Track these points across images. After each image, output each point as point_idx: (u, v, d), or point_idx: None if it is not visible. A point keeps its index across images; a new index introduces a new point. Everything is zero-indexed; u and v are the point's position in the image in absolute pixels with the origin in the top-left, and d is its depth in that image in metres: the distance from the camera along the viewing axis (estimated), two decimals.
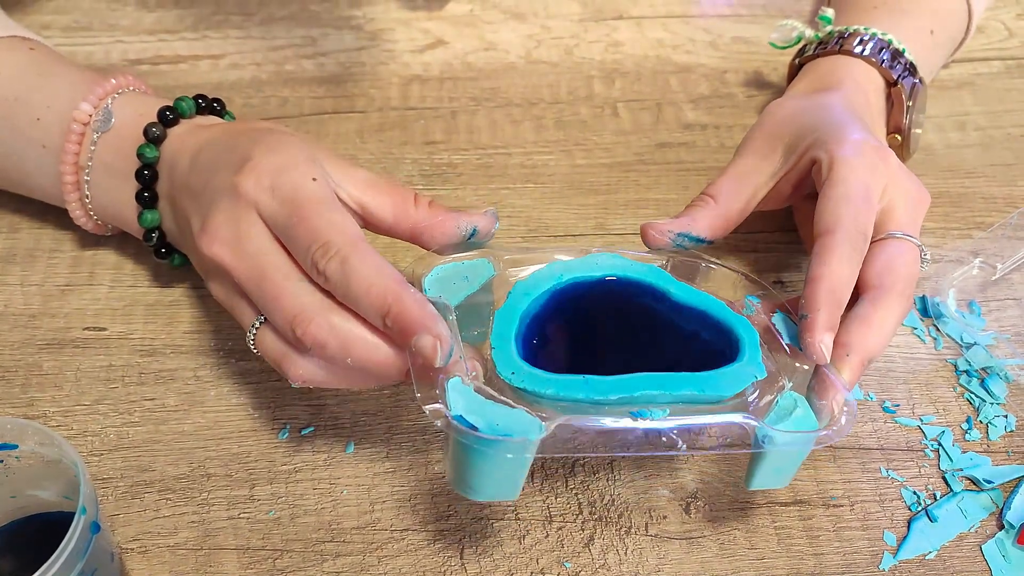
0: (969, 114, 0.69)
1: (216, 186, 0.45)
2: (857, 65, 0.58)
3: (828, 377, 0.43)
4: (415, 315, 0.39)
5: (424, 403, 0.39)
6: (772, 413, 0.42)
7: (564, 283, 0.45)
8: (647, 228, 0.49)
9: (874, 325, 0.44)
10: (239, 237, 0.42)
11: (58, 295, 0.55)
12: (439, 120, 0.67)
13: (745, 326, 0.44)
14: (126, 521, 0.46)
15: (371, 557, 0.45)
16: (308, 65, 0.71)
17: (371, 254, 0.41)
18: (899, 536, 0.46)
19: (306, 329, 0.40)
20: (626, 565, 0.45)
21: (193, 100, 0.52)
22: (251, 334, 0.44)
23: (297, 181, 0.43)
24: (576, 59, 0.72)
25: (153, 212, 0.51)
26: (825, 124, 0.51)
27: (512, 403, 0.40)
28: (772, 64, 0.72)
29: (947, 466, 0.49)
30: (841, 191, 0.47)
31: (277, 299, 0.41)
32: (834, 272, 0.44)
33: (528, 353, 0.42)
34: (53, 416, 0.50)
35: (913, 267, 0.47)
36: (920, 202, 0.50)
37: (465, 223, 0.45)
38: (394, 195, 0.46)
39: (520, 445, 0.38)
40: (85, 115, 0.51)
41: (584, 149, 0.66)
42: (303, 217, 0.41)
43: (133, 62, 0.70)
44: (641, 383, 0.41)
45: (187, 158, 0.48)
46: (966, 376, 0.53)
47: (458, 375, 0.40)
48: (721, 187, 0.51)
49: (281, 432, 0.49)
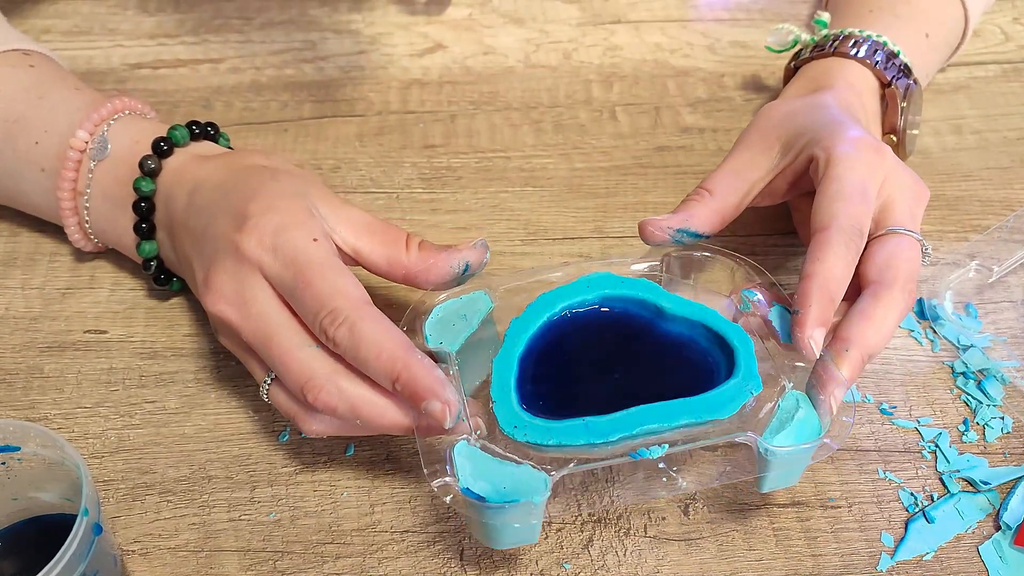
0: (965, 118, 0.69)
1: (216, 237, 0.45)
2: (851, 66, 0.58)
3: (827, 372, 0.43)
4: (424, 383, 0.41)
5: (432, 479, 0.40)
6: (775, 419, 0.42)
7: (558, 312, 0.46)
8: (645, 225, 0.49)
9: (875, 320, 0.44)
10: (244, 298, 0.43)
11: (59, 298, 0.55)
12: (438, 124, 0.67)
13: (740, 335, 0.44)
14: (127, 523, 0.46)
15: (371, 559, 0.45)
16: (308, 69, 0.71)
17: (378, 319, 0.42)
18: (896, 537, 0.46)
19: (317, 396, 0.42)
20: (625, 567, 0.45)
21: (187, 127, 0.52)
22: (264, 389, 0.45)
23: (298, 243, 0.43)
24: (574, 63, 0.73)
25: (151, 243, 0.52)
26: (821, 122, 0.51)
27: (517, 458, 0.41)
28: (769, 68, 0.72)
29: (944, 468, 0.49)
30: (836, 188, 0.47)
31: (285, 364, 0.42)
32: (827, 268, 0.44)
33: (529, 396, 0.43)
34: (54, 419, 0.50)
35: (914, 262, 0.47)
36: (919, 197, 0.50)
37: (457, 261, 0.46)
38: (387, 241, 0.46)
39: (525, 508, 0.40)
40: (81, 143, 0.52)
41: (582, 153, 0.66)
42: (308, 282, 0.42)
43: (133, 66, 0.70)
44: (639, 418, 0.41)
45: (184, 194, 0.49)
46: (963, 378, 0.53)
47: (463, 438, 0.41)
48: (718, 181, 0.51)
49: (281, 435, 0.50)
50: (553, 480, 0.40)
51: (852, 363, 0.43)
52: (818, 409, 0.43)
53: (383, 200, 0.62)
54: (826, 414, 0.42)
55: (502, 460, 0.41)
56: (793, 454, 0.42)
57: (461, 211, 0.61)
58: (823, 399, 0.43)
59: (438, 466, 0.41)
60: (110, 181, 0.52)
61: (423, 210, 0.61)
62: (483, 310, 0.47)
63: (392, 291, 0.55)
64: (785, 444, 0.41)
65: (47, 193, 0.53)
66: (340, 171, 0.64)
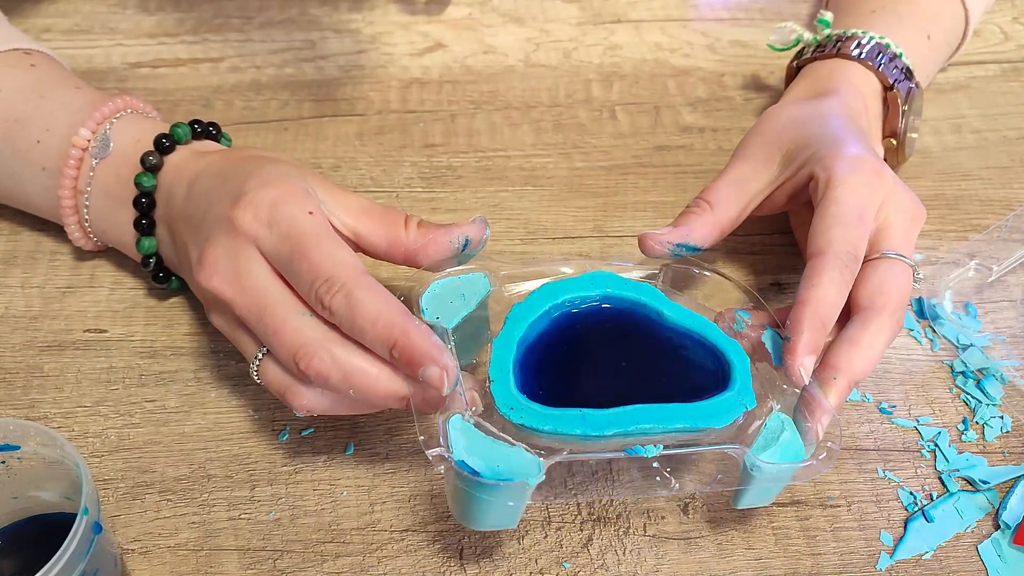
0: (965, 117, 0.69)
1: (213, 218, 0.45)
2: (854, 69, 0.58)
3: (814, 399, 0.44)
4: (421, 347, 0.40)
5: (427, 447, 0.40)
6: (760, 438, 0.43)
7: (560, 303, 0.46)
8: (645, 238, 0.49)
9: (863, 347, 0.45)
10: (238, 272, 0.43)
11: (59, 297, 0.55)
12: (438, 123, 0.67)
13: (736, 351, 0.45)
14: (127, 522, 0.46)
15: (371, 558, 0.45)
16: (308, 68, 0.71)
17: (374, 287, 0.42)
18: (896, 536, 0.47)
19: (309, 362, 0.41)
20: (624, 565, 0.45)
21: (189, 125, 0.52)
22: (254, 365, 0.45)
23: (294, 215, 0.43)
24: (574, 62, 0.73)
25: (151, 239, 0.52)
26: (822, 138, 0.51)
27: (511, 440, 0.41)
28: (769, 67, 0.72)
29: (943, 467, 0.49)
30: (835, 211, 0.47)
31: (279, 333, 0.42)
32: (820, 296, 0.45)
33: (526, 381, 0.43)
34: (54, 418, 0.50)
35: (905, 288, 0.48)
36: (916, 219, 0.50)
37: (456, 236, 0.46)
38: (386, 221, 0.46)
39: (519, 489, 0.39)
40: (83, 141, 0.52)
41: (582, 152, 0.66)
42: (304, 252, 0.42)
43: (133, 65, 0.70)
44: (635, 416, 0.42)
45: (184, 186, 0.49)
46: (962, 377, 0.53)
47: (458, 412, 0.41)
48: (718, 193, 0.51)
49: (281, 434, 0.50)
50: (546, 465, 0.40)
51: (839, 391, 0.44)
52: (803, 435, 0.43)
53: (383, 199, 0.62)
54: (811, 441, 0.43)
55: (496, 440, 0.41)
56: (779, 472, 0.42)
57: (461, 210, 0.61)
58: (809, 426, 0.43)
59: (432, 438, 0.40)
60: (111, 179, 0.52)
61: (423, 209, 0.61)
62: (481, 292, 0.47)
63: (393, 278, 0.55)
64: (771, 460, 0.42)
65: (48, 192, 0.53)
66: (340, 170, 0.64)
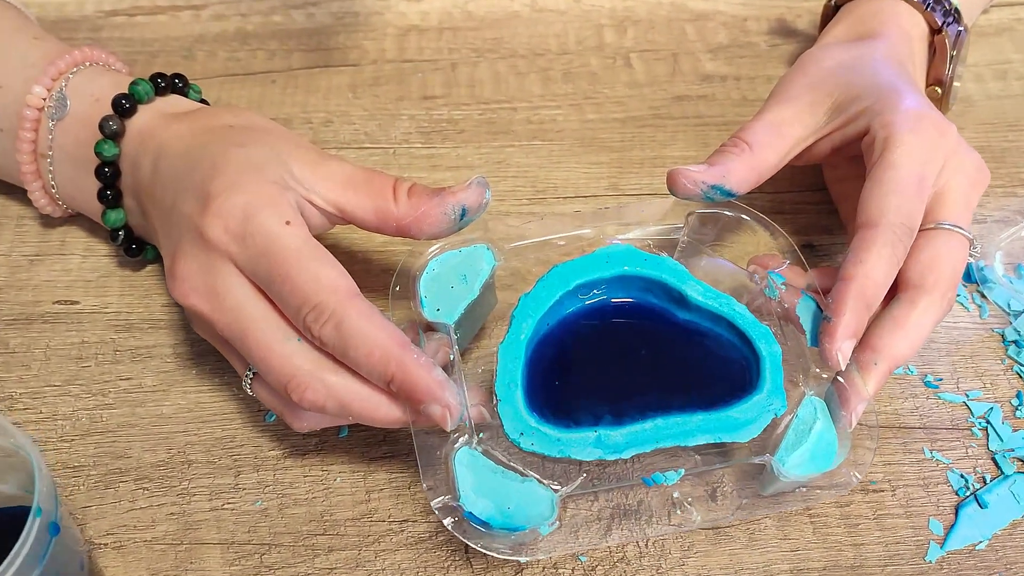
0: (1010, 62, 0.66)
1: (180, 218, 0.42)
2: (902, 8, 0.54)
3: (851, 385, 0.42)
4: (422, 384, 0.39)
5: (431, 497, 0.39)
6: (791, 431, 0.41)
7: (572, 290, 0.44)
8: (676, 175, 0.45)
9: (908, 329, 0.43)
10: (216, 290, 0.41)
11: (26, 266, 0.53)
12: (438, 73, 0.64)
13: (767, 339, 0.43)
14: (99, 513, 0.44)
15: (367, 551, 0.43)
16: (297, 16, 0.68)
17: (366, 312, 0.39)
18: (946, 524, 0.44)
19: (302, 395, 0.39)
20: (647, 558, 0.43)
21: (150, 82, 0.48)
22: (246, 383, 0.43)
23: (268, 228, 0.40)
24: (585, 6, 0.70)
25: (117, 211, 0.49)
26: (878, 88, 0.47)
27: (522, 471, 0.40)
28: (796, 11, 0.69)
29: (997, 446, 0.47)
30: (892, 176, 0.44)
31: (266, 360, 0.40)
32: (868, 273, 0.42)
33: (535, 394, 0.41)
34: (20, 398, 0.48)
35: (960, 265, 0.45)
36: (978, 184, 0.47)
37: (452, 205, 0.43)
38: (373, 192, 0.43)
39: (531, 536, 0.39)
40: (38, 99, 0.48)
41: (595, 103, 0.63)
42: (286, 275, 0.39)
43: (108, 14, 0.67)
44: (655, 435, 0.40)
45: (149, 158, 0.46)
46: (1015, 347, 0.50)
47: (464, 445, 0.40)
48: (756, 134, 0.47)
49: (268, 415, 0.47)
50: (560, 497, 0.39)
51: (879, 377, 0.43)
52: (836, 423, 0.42)
53: (378, 156, 0.59)
54: (845, 430, 0.41)
55: (506, 472, 0.40)
56: (808, 481, 0.41)
57: (463, 167, 0.59)
58: (844, 414, 0.42)
59: (437, 479, 0.39)
60: (71, 143, 0.48)
61: (422, 166, 0.59)
62: (485, 270, 0.44)
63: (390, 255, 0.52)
64: (801, 463, 0.40)
65: (7, 155, 0.50)
66: (332, 125, 0.61)
